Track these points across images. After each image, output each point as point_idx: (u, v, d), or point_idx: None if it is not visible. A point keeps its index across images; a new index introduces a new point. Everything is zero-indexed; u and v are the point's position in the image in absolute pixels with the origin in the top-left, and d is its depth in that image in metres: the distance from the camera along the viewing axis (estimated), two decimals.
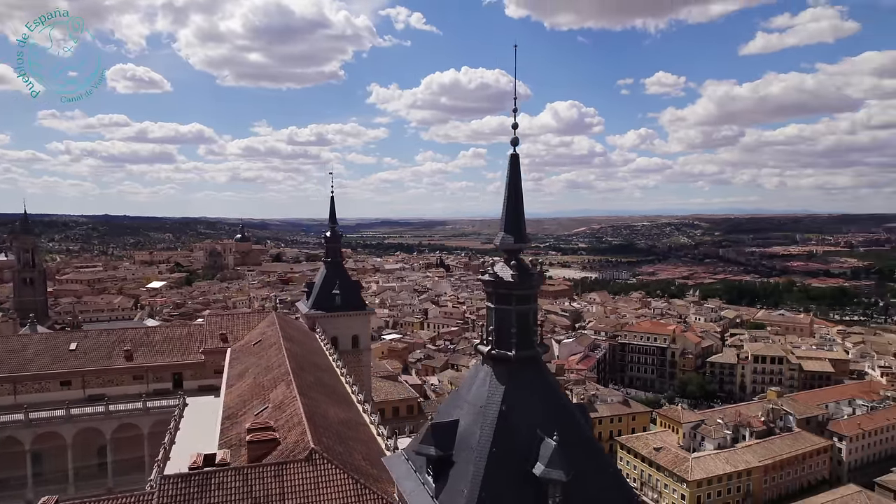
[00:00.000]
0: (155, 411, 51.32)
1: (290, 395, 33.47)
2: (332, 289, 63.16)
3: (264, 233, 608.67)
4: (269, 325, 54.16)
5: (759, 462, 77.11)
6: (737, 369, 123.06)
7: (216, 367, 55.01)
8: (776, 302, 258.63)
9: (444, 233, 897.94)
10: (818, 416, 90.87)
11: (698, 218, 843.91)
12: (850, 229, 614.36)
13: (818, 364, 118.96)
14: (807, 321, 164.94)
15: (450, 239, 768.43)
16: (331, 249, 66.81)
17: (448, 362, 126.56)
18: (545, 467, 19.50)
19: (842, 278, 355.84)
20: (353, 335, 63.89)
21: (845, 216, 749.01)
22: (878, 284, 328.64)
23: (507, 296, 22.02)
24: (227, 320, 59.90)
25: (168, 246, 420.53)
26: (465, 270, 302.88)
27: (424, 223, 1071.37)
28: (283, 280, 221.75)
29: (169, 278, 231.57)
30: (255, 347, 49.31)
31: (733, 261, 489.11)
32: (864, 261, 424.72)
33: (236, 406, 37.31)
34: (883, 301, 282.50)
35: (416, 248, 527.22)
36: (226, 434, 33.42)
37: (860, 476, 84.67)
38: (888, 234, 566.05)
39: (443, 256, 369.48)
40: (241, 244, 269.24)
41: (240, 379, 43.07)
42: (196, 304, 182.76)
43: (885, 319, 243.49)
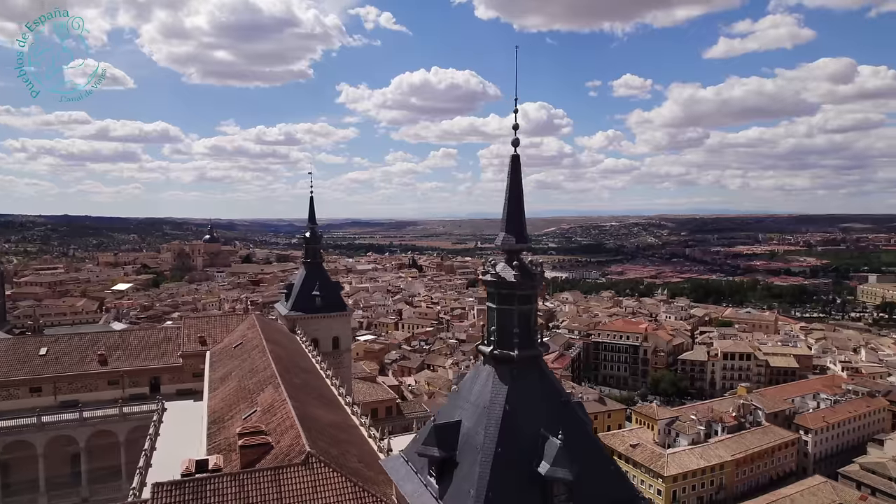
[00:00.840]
0: (132, 417, 49.94)
1: (280, 398, 32.98)
2: (312, 290, 62.46)
3: (232, 233, 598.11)
4: (250, 327, 53.27)
5: (732, 456, 79.15)
6: (707, 366, 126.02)
7: (195, 371, 53.93)
8: (741, 300, 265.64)
9: (415, 233, 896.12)
10: (785, 411, 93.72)
11: (665, 218, 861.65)
12: (809, 229, 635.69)
13: (784, 360, 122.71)
14: (772, 319, 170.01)
15: (421, 239, 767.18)
16: (310, 250, 65.97)
17: (424, 363, 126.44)
18: (551, 466, 19.71)
19: (801, 277, 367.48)
20: (333, 336, 63.31)
21: (804, 217, 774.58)
22: (835, 282, 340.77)
23: (509, 296, 22.17)
24: (205, 323, 58.69)
25: (133, 247, 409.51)
26: (438, 271, 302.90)
27: (395, 223, 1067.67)
28: (254, 281, 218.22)
29: (135, 280, 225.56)
30: (236, 350, 48.43)
31: (699, 260, 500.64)
32: (822, 259, 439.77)
33: (222, 410, 36.59)
34: (840, 298, 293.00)
35: (388, 249, 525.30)
36: (213, 439, 32.75)
37: (825, 467, 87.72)
38: (843, 234, 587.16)
39: (415, 257, 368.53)
40: (211, 245, 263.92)
41: (223, 382, 42.26)
42: (165, 306, 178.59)
43: (843, 316, 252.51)
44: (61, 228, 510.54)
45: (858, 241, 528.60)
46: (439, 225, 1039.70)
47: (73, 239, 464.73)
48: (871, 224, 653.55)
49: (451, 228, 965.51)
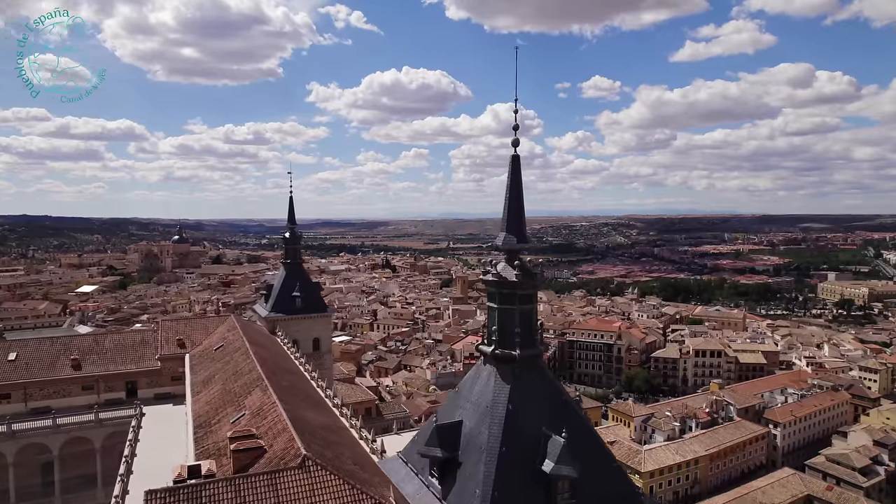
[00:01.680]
0: (109, 423, 48.54)
1: (269, 400, 32.47)
2: (293, 291, 61.70)
3: (200, 234, 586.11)
4: (230, 329, 52.33)
5: (706, 451, 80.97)
6: (679, 363, 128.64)
7: (174, 374, 52.82)
8: (709, 298, 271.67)
9: (387, 233, 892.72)
10: (755, 406, 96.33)
11: (633, 218, 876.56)
12: (771, 229, 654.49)
13: (752, 356, 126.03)
14: (740, 316, 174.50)
15: (392, 239, 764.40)
16: (290, 250, 65.13)
17: (401, 363, 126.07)
18: (555, 464, 19.93)
19: (765, 275, 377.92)
20: (314, 338, 62.67)
21: (766, 217, 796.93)
22: (797, 280, 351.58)
23: (510, 296, 22.35)
24: (183, 325, 57.40)
25: (97, 248, 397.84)
26: (412, 271, 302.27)
27: (366, 224, 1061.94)
28: (225, 283, 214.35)
29: (101, 282, 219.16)
30: (217, 353, 47.50)
31: (667, 259, 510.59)
32: (785, 258, 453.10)
33: (207, 414, 35.84)
34: (802, 296, 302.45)
35: (360, 249, 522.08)
36: (201, 443, 32.05)
37: (793, 459, 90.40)
38: (804, 233, 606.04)
39: (388, 257, 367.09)
40: (180, 246, 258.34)
41: (206, 386, 41.39)
42: (133, 308, 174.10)
43: (805, 313, 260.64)
44: (20, 228, 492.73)
45: (818, 241, 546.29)
46: (411, 225, 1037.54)
47: (32, 239, 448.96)
48: (829, 224, 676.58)
49: (423, 229, 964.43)
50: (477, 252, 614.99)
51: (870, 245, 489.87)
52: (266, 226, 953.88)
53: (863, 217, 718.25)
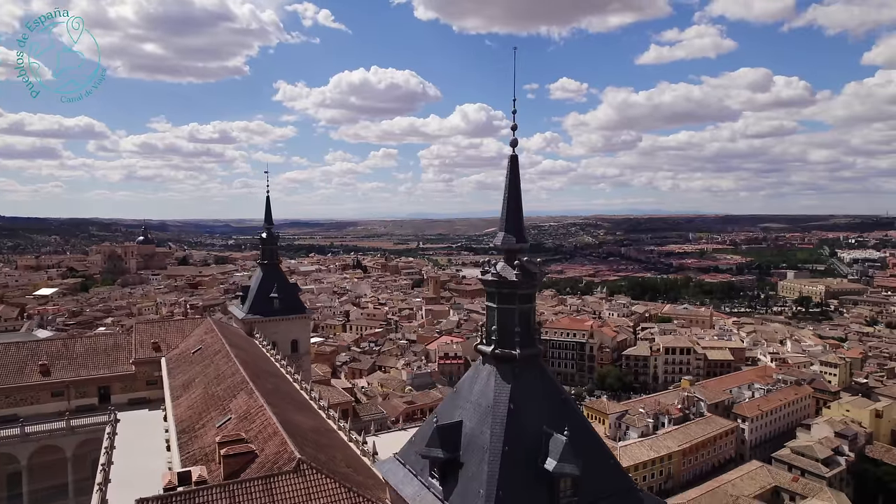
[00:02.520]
0: (81, 430, 46.94)
1: (256, 404, 31.93)
2: (270, 292, 60.73)
3: (165, 235, 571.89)
4: (207, 331, 51.28)
5: (679, 446, 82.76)
6: (650, 361, 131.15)
7: (149, 379, 51.50)
8: (676, 297, 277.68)
9: (356, 233, 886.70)
10: (724, 401, 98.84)
11: (601, 218, 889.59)
12: (734, 229, 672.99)
13: (720, 353, 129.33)
14: (707, 314, 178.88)
15: (362, 240, 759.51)
16: (267, 251, 64.12)
17: (375, 364, 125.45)
18: (558, 462, 20.02)
19: (729, 274, 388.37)
20: (292, 339, 61.82)
21: (729, 217, 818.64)
22: (758, 279, 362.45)
23: (510, 295, 22.38)
24: (158, 328, 55.92)
25: (55, 249, 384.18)
26: (383, 271, 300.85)
27: (335, 224, 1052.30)
28: (192, 284, 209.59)
29: (61, 284, 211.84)
30: (195, 356, 46.47)
31: (634, 259, 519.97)
32: (747, 257, 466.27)
33: (191, 419, 35.03)
34: (763, 294, 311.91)
35: (329, 250, 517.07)
36: (186, 449, 31.31)
37: (760, 452, 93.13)
38: (764, 233, 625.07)
39: (359, 257, 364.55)
40: (145, 247, 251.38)
41: (186, 390, 40.44)
42: (96, 311, 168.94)
43: (766, 310, 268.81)
44: None
45: (777, 240, 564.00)
46: (380, 225, 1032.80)
47: None
48: (788, 224, 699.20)
49: (393, 229, 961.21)
50: (447, 252, 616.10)
51: (825, 244, 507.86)
52: (233, 226, 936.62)
53: (818, 217, 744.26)
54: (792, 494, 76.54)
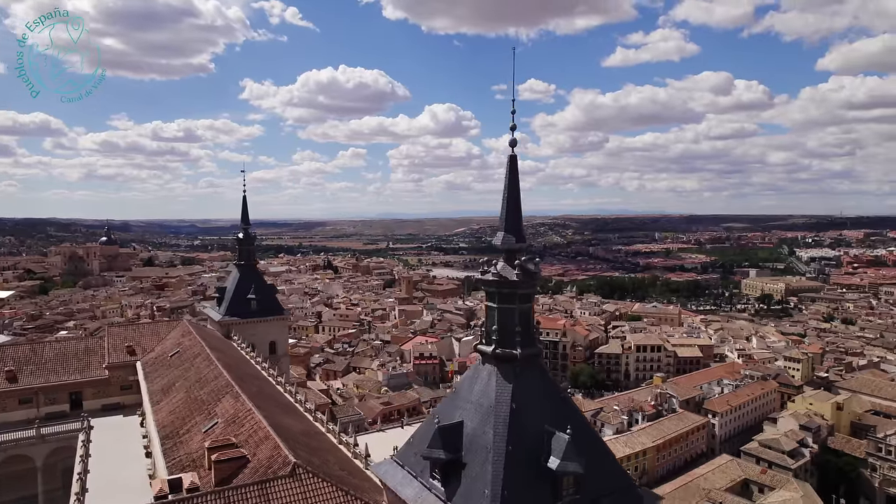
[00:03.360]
0: (52, 438, 45.24)
1: (243, 408, 31.31)
2: (247, 293, 59.65)
3: (127, 235, 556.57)
4: (184, 334, 50.06)
5: (653, 442, 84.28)
6: (622, 358, 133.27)
7: (123, 383, 50.02)
8: (643, 295, 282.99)
9: (325, 234, 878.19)
10: (695, 397, 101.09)
11: (569, 218, 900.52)
12: (698, 228, 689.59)
13: (689, 350, 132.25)
14: (675, 312, 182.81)
15: (331, 240, 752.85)
16: (244, 252, 62.98)
17: (350, 365, 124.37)
18: (561, 461, 20.14)
19: (694, 272, 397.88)
20: (270, 341, 60.84)
21: (693, 217, 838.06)
22: (722, 277, 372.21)
23: (510, 295, 22.43)
24: (132, 331, 54.33)
25: (10, 250, 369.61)
26: (354, 272, 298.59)
27: (303, 224, 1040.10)
28: (159, 286, 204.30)
29: (18, 287, 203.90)
30: (173, 359, 45.32)
31: (602, 258, 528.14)
32: (711, 256, 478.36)
33: (173, 424, 34.13)
34: (727, 292, 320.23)
35: (298, 250, 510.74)
36: (172, 455, 30.48)
37: (729, 446, 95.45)
38: (727, 232, 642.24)
39: (329, 258, 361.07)
40: (108, 248, 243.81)
41: (166, 394, 39.39)
42: (56, 314, 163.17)
43: (730, 308, 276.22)
44: None
45: (740, 239, 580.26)
46: (349, 225, 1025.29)
47: None
48: (749, 224, 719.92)
49: (362, 229, 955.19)
50: (417, 252, 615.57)
51: (784, 243, 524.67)
52: (199, 226, 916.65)
53: (777, 217, 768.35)
54: (761, 486, 78.66)
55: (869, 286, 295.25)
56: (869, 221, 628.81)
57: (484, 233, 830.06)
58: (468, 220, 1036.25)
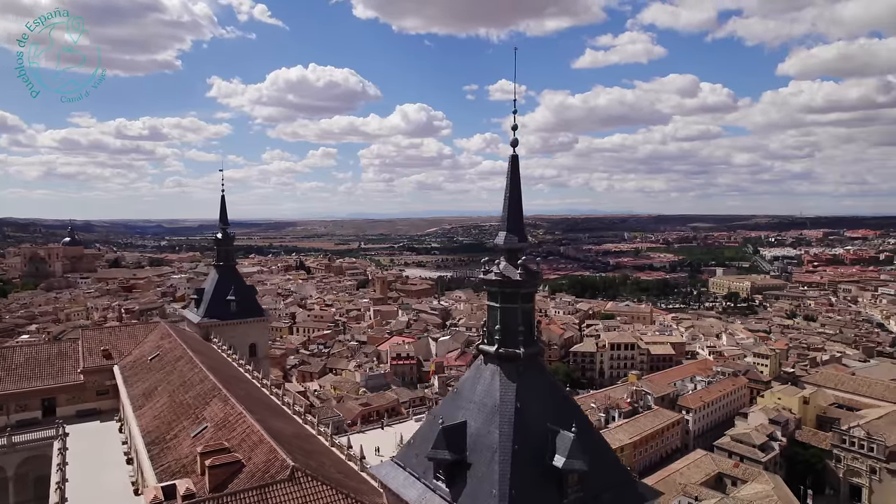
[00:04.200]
0: (23, 447, 43.51)
1: (234, 411, 30.70)
2: (227, 294, 58.54)
3: (91, 236, 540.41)
4: (163, 337, 48.86)
5: (630, 439, 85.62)
6: (596, 357, 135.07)
7: (99, 388, 48.52)
8: (614, 294, 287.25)
9: (296, 234, 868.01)
10: (670, 394, 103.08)
11: (540, 218, 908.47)
12: (665, 228, 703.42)
13: (662, 348, 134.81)
14: (647, 311, 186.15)
15: (301, 240, 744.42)
16: (223, 252, 61.75)
17: (326, 367, 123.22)
18: (567, 459, 20.29)
19: (662, 271, 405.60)
20: (250, 343, 59.81)
21: (661, 216, 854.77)
22: (690, 276, 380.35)
23: (513, 294, 22.53)
24: (107, 334, 52.72)
25: None
26: (327, 272, 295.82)
27: (273, 224, 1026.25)
28: (126, 287, 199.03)
29: None
30: (153, 363, 44.17)
31: (573, 257, 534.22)
32: (679, 255, 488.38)
33: (159, 429, 33.25)
34: (695, 290, 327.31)
35: (269, 250, 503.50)
36: (159, 461, 29.68)
37: (703, 441, 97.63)
38: (694, 232, 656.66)
39: (302, 258, 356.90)
40: (72, 248, 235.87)
41: (148, 399, 38.35)
42: (17, 318, 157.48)
43: (699, 306, 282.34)
44: None
45: (706, 239, 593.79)
46: (320, 225, 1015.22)
47: None
48: (715, 223, 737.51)
49: (333, 229, 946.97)
50: (389, 252, 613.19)
51: (749, 243, 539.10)
52: (165, 227, 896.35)
53: (742, 217, 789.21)
54: (734, 480, 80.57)
55: (828, 284, 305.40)
56: (827, 221, 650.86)
57: (455, 233, 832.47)
58: (440, 220, 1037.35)
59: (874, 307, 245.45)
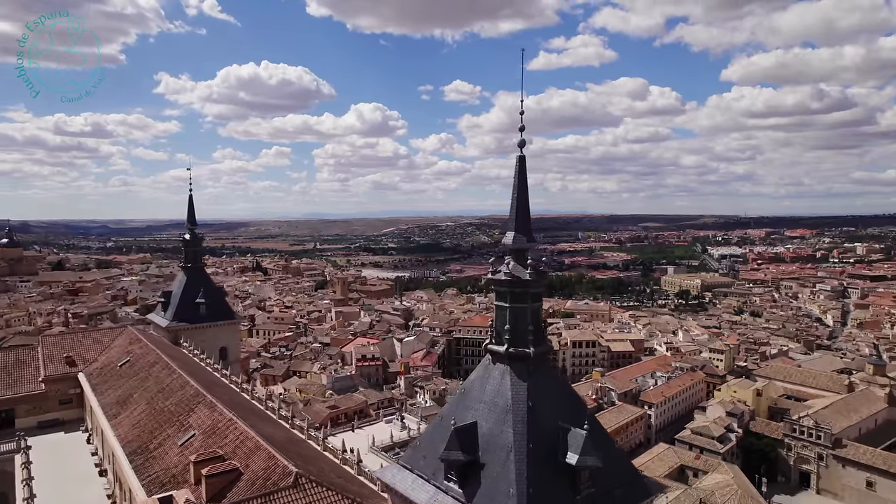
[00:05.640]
0: None
1: (223, 417, 29.74)
2: (196, 297, 56.62)
3: (28, 236, 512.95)
4: (133, 342, 46.88)
5: None
6: (559, 354, 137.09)
7: (62, 398, 46.09)
8: (570, 293, 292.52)
9: (249, 234, 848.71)
10: (632, 390, 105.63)
11: (495, 218, 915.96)
12: (618, 227, 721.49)
13: (622, 345, 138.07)
14: (606, 309, 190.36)
15: (255, 241, 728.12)
16: (190, 254, 59.68)
17: (290, 370, 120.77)
18: (580, 456, 20.54)
19: (616, 270, 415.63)
20: (221, 347, 58.03)
21: (613, 216, 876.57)
22: (642, 274, 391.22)
23: (523, 294, 22.66)
24: (69, 340, 50.09)
25: None
26: (285, 273, 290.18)
27: (225, 224, 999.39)
28: (72, 291, 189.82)
29: None
30: (125, 369, 42.32)
31: None
32: (631, 254, 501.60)
33: (140, 438, 31.87)
34: (648, 288, 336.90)
35: (222, 251, 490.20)
36: (145, 472, 28.45)
37: (665, 435, 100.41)
38: (645, 231, 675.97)
39: (258, 259, 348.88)
40: (10, 250, 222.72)
41: (123, 407, 36.71)
42: None
43: (652, 303, 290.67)
44: None
45: (657, 238, 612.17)
46: (274, 226, 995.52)
47: None
48: (665, 223, 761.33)
49: (288, 229, 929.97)
50: (345, 253, 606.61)
51: (697, 242, 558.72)
52: (111, 227, 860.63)
53: (690, 217, 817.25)
54: (695, 471, 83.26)
55: (771, 281, 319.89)
56: (769, 221, 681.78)
57: (412, 233, 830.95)
58: (396, 220, 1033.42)
59: (813, 303, 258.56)
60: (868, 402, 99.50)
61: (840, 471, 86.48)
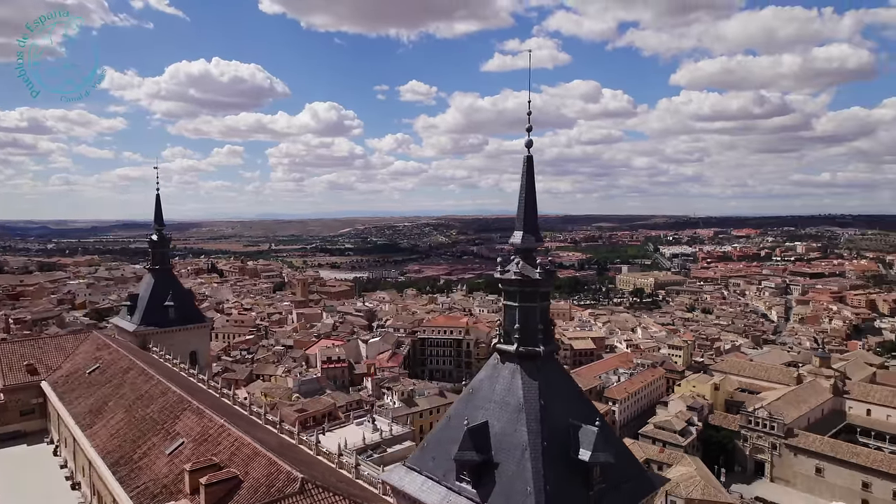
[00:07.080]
0: None
1: (213, 424, 28.80)
2: (164, 300, 54.60)
3: None
4: (100, 347, 44.84)
5: None
6: None
7: (23, 408, 43.64)
8: None
9: (201, 235, 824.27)
10: (596, 387, 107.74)
11: (452, 218, 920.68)
12: (573, 227, 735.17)
13: (584, 343, 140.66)
14: (567, 307, 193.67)
15: (208, 242, 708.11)
16: (158, 255, 57.48)
17: (253, 373, 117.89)
18: (592, 452, 20.85)
19: (572, 269, 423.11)
20: (191, 351, 56.10)
21: (568, 217, 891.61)
22: (598, 273, 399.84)
23: (532, 293, 22.83)
24: (30, 347, 47.39)
25: None
26: (241, 275, 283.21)
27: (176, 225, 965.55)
28: (12, 295, 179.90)
29: None
30: (95, 376, 40.42)
31: (486, 257, 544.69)
32: (586, 254, 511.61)
33: (122, 448, 30.50)
34: (604, 287, 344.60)
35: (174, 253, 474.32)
36: (132, 483, 27.24)
37: (629, 430, 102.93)
38: (599, 231, 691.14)
39: (213, 260, 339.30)
40: None
41: (98, 416, 35.04)
42: None
43: (608, 302, 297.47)
44: None
45: (611, 238, 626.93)
46: (227, 226, 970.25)
47: None
48: (618, 223, 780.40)
49: (241, 230, 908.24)
50: (301, 254, 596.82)
51: (650, 241, 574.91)
52: (52, 228, 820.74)
53: (642, 217, 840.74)
54: (660, 464, 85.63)
55: (720, 279, 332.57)
56: (716, 221, 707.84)
57: (369, 233, 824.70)
58: (353, 220, 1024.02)
59: (759, 299, 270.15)
60: (815, 393, 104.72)
61: (792, 459, 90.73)
